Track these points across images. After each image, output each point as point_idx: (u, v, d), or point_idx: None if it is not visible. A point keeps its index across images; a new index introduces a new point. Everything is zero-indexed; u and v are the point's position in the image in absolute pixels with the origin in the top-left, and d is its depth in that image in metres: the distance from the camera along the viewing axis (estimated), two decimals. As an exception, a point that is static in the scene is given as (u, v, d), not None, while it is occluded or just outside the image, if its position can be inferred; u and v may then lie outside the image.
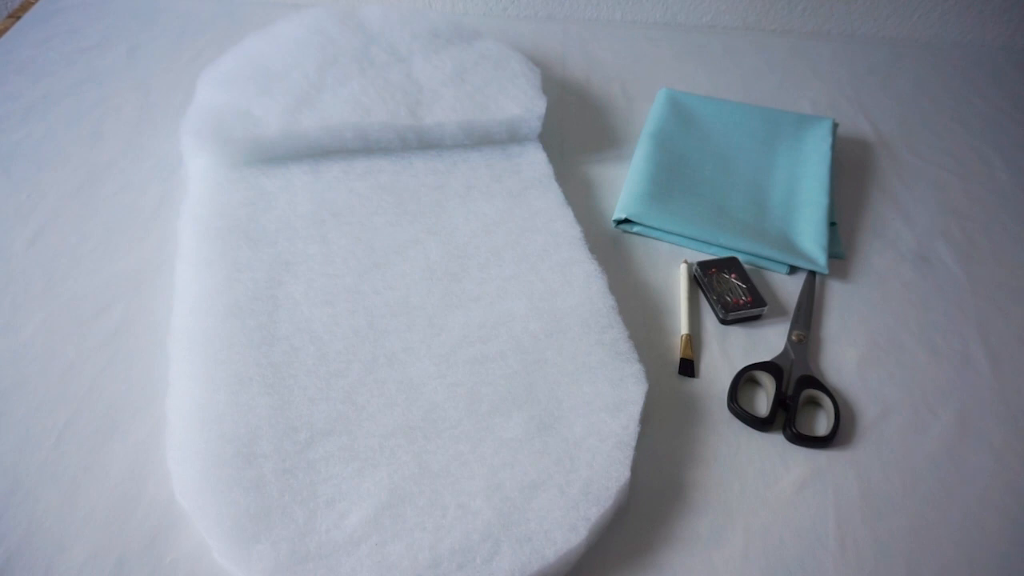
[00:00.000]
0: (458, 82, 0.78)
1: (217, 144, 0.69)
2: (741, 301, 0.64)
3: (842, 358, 0.62)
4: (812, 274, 0.68)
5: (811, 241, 0.69)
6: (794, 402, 0.56)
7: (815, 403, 0.58)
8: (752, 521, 0.51)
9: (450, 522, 0.46)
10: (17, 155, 0.76)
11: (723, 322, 0.64)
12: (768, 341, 0.63)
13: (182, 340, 0.56)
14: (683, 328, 0.63)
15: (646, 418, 0.54)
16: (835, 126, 0.82)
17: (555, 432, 0.52)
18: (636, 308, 0.64)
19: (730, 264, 0.67)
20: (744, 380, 0.58)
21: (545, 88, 0.81)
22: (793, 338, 0.62)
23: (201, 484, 0.47)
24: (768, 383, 0.58)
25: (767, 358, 0.61)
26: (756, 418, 0.56)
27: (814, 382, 0.58)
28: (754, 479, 0.53)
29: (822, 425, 0.57)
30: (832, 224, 0.73)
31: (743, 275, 0.66)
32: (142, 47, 0.93)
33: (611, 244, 0.71)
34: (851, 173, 0.81)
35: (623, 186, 0.74)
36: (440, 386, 0.54)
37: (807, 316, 0.64)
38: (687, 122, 0.82)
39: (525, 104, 0.77)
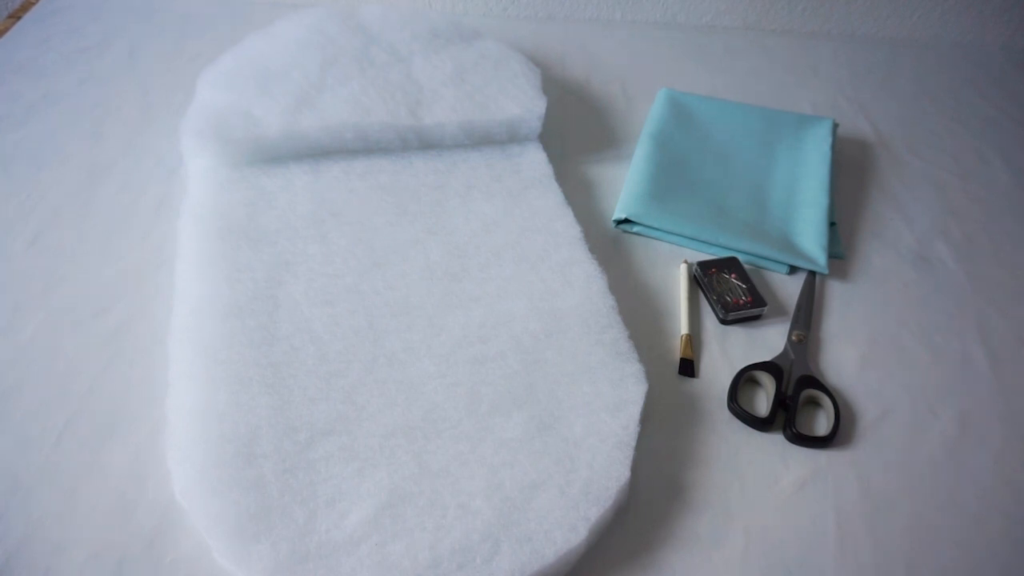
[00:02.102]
0: (458, 82, 0.78)
1: (218, 144, 0.69)
2: (741, 301, 0.64)
3: (842, 358, 0.62)
4: (812, 274, 0.68)
5: (811, 241, 0.69)
6: (794, 402, 0.56)
7: (815, 403, 0.58)
8: (752, 521, 0.51)
9: (450, 522, 0.46)
10: (17, 155, 0.76)
11: (723, 322, 0.64)
12: (768, 341, 0.63)
13: (182, 340, 0.56)
14: (683, 328, 0.63)
15: (646, 418, 0.54)
16: (835, 126, 0.82)
17: (555, 432, 0.52)
18: (636, 308, 0.64)
19: (730, 264, 0.67)
20: (744, 380, 0.58)
21: (545, 88, 0.81)
22: (793, 338, 0.62)
23: (201, 484, 0.47)
24: (768, 383, 0.58)
25: (767, 358, 0.61)
26: (756, 418, 0.56)
27: (814, 382, 0.58)
28: (754, 479, 0.53)
29: (822, 425, 0.57)
30: (832, 224, 0.73)
31: (743, 275, 0.66)
32: (142, 47, 0.93)
33: (611, 244, 0.71)
34: (851, 173, 0.81)
35: (623, 186, 0.74)
36: (440, 386, 0.54)
37: (807, 316, 0.64)
38: (687, 122, 0.82)
39: (525, 104, 0.77)
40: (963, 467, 0.55)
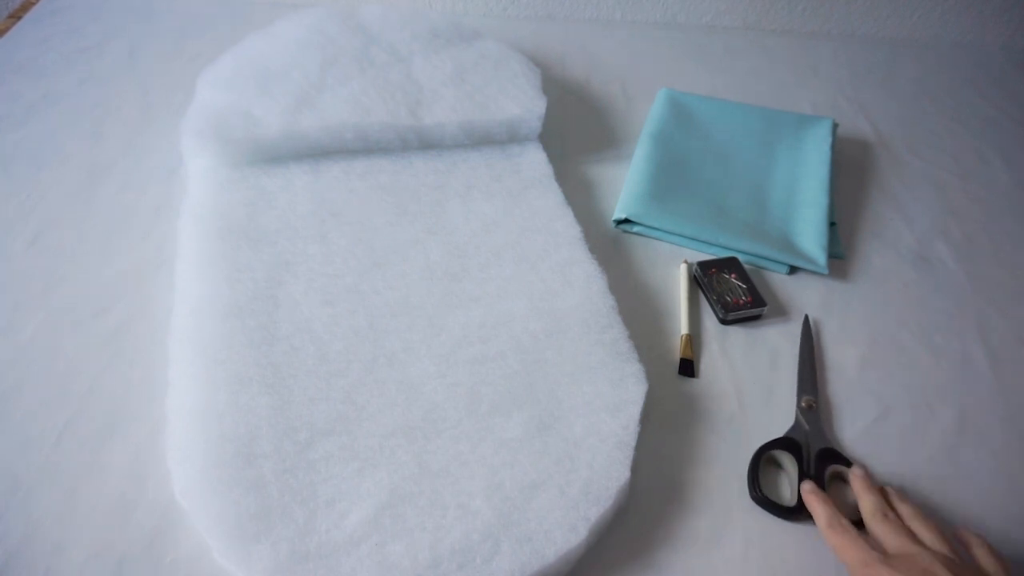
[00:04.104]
0: (458, 82, 0.78)
1: (218, 144, 0.69)
2: (741, 301, 0.64)
3: (842, 358, 0.62)
4: (807, 327, 0.63)
5: (811, 241, 0.69)
6: (819, 483, 0.51)
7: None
8: (752, 521, 0.51)
9: (450, 522, 0.46)
10: (17, 155, 0.76)
11: (723, 322, 0.64)
12: (768, 341, 0.63)
13: (182, 340, 0.56)
14: (683, 328, 0.63)
15: (646, 418, 0.54)
16: (835, 126, 0.82)
17: (555, 432, 0.52)
18: (636, 308, 0.64)
19: (730, 264, 0.67)
20: (763, 461, 0.53)
21: (545, 88, 0.81)
22: (803, 404, 0.57)
23: (201, 484, 0.47)
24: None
25: (769, 366, 0.60)
26: (783, 508, 0.51)
27: (836, 456, 0.53)
28: (754, 479, 0.53)
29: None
30: (832, 224, 0.73)
31: (743, 275, 0.66)
32: (142, 47, 0.93)
33: (611, 244, 0.71)
34: (851, 173, 0.81)
35: (623, 186, 0.74)
36: (440, 386, 0.54)
37: (811, 377, 0.59)
38: (687, 122, 0.82)
39: (525, 104, 0.77)
40: (963, 467, 0.55)
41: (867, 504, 0.48)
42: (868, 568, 0.43)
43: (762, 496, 0.51)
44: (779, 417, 0.57)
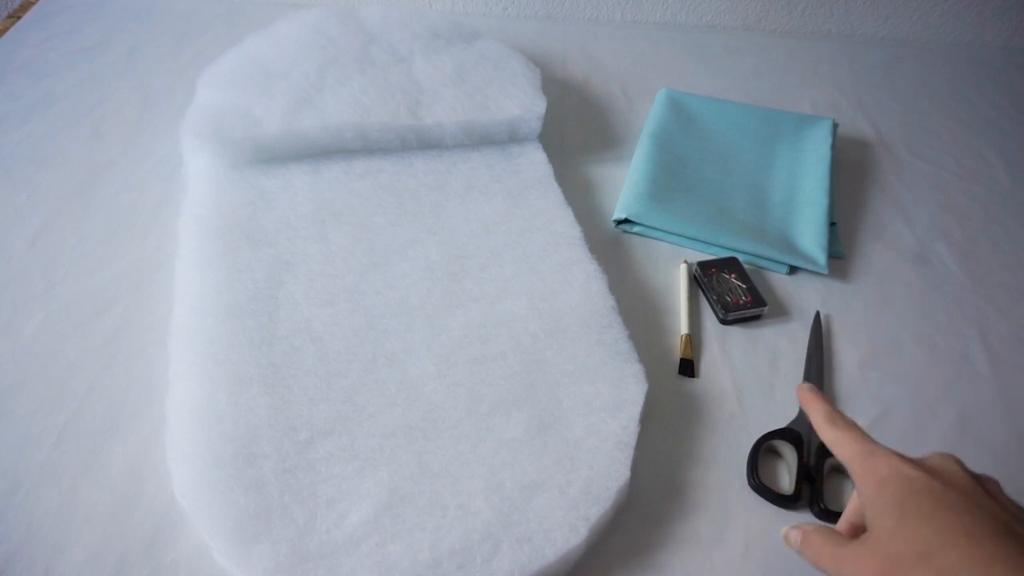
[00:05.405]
0: (458, 82, 0.78)
1: (218, 144, 0.69)
2: (741, 301, 0.64)
3: (842, 358, 0.62)
4: (818, 322, 0.64)
5: (811, 241, 0.69)
6: (818, 474, 0.52)
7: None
8: (752, 521, 0.51)
9: (450, 522, 0.46)
10: (17, 155, 0.76)
11: (723, 322, 0.64)
12: (768, 341, 0.63)
13: (182, 340, 0.56)
14: (683, 328, 0.63)
15: (646, 418, 0.54)
16: (835, 126, 0.82)
17: (555, 432, 0.52)
18: (636, 308, 0.64)
19: (730, 264, 0.67)
20: (763, 451, 0.54)
21: (545, 88, 0.81)
22: None
23: (201, 484, 0.47)
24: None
25: (768, 362, 0.60)
26: (780, 496, 0.51)
27: None
28: (754, 479, 0.53)
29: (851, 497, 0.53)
30: (832, 224, 0.73)
31: (743, 275, 0.66)
32: (142, 47, 0.93)
33: (611, 244, 0.71)
34: (851, 173, 0.81)
35: (623, 186, 0.74)
36: (440, 386, 0.54)
37: (819, 371, 0.60)
38: (687, 122, 0.82)
39: (525, 104, 0.77)
40: (963, 467, 0.55)
41: (820, 410, 0.43)
42: (873, 457, 0.38)
43: (760, 484, 0.52)
44: (779, 417, 0.57)
